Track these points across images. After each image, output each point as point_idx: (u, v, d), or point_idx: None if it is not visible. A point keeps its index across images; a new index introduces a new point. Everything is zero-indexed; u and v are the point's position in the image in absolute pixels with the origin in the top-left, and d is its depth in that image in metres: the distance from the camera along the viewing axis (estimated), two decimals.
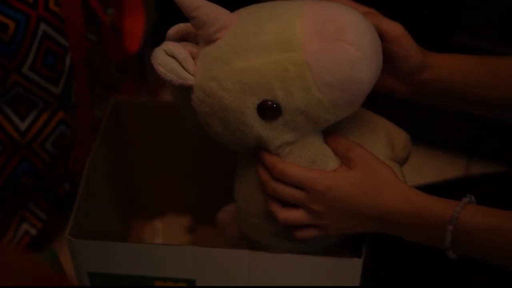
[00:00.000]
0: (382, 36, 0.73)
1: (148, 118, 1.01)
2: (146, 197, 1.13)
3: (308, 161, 0.72)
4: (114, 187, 1.03)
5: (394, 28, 0.75)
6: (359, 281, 0.77)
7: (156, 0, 1.33)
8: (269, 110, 0.69)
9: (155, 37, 0.75)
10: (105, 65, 1.05)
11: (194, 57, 0.72)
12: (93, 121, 1.04)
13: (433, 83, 0.79)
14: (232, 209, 0.93)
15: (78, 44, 0.92)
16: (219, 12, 0.70)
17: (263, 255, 0.77)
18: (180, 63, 0.71)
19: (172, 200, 1.13)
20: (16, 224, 1.06)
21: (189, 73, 0.71)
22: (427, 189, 0.72)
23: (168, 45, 0.71)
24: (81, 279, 0.82)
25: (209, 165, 1.03)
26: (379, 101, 1.36)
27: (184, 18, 0.71)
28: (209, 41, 0.71)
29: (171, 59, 0.71)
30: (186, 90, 0.73)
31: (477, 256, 0.69)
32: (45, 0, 0.87)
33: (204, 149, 0.99)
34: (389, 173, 0.71)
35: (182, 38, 0.76)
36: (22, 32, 0.86)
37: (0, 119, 0.94)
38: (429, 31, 1.19)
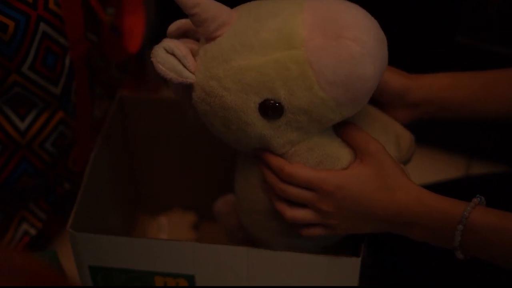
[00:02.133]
0: None
1: (153, 114, 1.01)
2: (151, 193, 1.13)
3: (314, 162, 0.71)
4: (118, 182, 1.03)
5: None
6: (357, 281, 0.77)
7: (156, 0, 1.33)
8: (270, 109, 0.68)
9: (155, 37, 0.74)
10: (105, 65, 1.05)
11: (194, 54, 0.71)
12: (93, 121, 1.04)
13: (425, 103, 0.79)
14: (230, 199, 0.93)
15: (78, 44, 0.92)
16: (219, 9, 0.68)
17: (263, 253, 0.76)
18: (180, 61, 0.69)
19: (177, 196, 1.13)
20: (16, 224, 1.05)
21: (190, 71, 0.70)
22: (427, 189, 0.71)
23: (168, 43, 0.70)
24: (81, 272, 0.82)
25: (215, 161, 1.02)
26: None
27: (184, 18, 0.71)
28: (209, 38, 0.69)
29: (171, 57, 0.69)
30: (187, 87, 0.72)
31: (485, 257, 0.69)
32: (44, 0, 0.87)
33: (209, 145, 0.98)
34: (402, 172, 0.70)
35: (182, 35, 0.75)
36: (22, 32, 0.86)
37: (0, 119, 0.94)
38: (429, 31, 1.19)
